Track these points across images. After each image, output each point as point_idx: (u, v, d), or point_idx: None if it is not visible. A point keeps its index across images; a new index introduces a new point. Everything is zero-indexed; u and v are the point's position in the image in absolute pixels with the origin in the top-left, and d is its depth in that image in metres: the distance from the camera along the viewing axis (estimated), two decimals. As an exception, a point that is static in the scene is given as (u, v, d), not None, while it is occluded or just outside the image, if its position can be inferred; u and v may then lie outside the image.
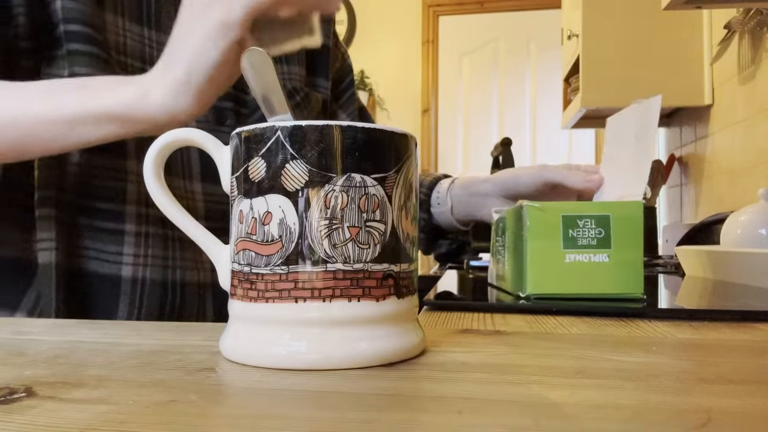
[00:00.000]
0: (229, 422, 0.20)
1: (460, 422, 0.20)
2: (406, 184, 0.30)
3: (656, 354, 0.31)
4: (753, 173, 1.32)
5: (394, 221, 0.29)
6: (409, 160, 0.30)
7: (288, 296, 0.27)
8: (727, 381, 0.25)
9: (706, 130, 1.59)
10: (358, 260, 0.28)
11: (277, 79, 0.37)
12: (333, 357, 0.27)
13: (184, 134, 0.33)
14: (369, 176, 0.28)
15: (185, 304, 0.57)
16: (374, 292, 0.28)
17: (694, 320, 0.43)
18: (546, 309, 0.46)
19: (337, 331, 0.27)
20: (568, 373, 0.26)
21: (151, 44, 0.56)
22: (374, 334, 0.28)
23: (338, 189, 0.27)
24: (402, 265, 0.29)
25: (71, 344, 0.33)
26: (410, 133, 0.31)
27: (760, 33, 1.28)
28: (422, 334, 0.31)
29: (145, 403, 0.22)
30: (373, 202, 0.28)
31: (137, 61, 0.56)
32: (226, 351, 0.29)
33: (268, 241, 0.28)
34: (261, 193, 0.28)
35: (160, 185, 0.33)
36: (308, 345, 0.27)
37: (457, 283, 0.71)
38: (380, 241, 0.28)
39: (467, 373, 0.27)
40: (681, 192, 1.77)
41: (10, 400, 0.22)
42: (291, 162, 0.27)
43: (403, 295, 0.29)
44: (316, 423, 0.20)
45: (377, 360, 0.28)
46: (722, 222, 0.81)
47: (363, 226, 0.28)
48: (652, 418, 0.20)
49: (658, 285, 0.70)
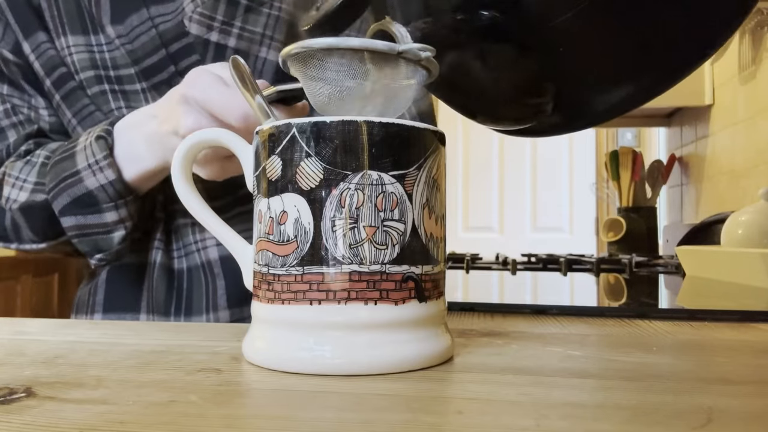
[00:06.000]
0: (229, 422, 0.20)
1: (460, 422, 0.20)
2: (429, 181, 0.28)
3: (656, 354, 0.31)
4: (753, 173, 1.32)
5: (414, 221, 0.27)
6: (433, 156, 0.29)
7: (303, 298, 0.27)
8: (727, 381, 0.25)
9: (706, 130, 1.59)
10: (375, 261, 0.27)
11: (255, 85, 0.36)
12: (357, 362, 0.26)
13: (210, 135, 0.33)
14: (387, 174, 0.27)
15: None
16: (392, 295, 0.27)
17: (694, 320, 0.43)
18: (546, 309, 0.46)
19: (352, 334, 0.26)
20: (568, 373, 0.26)
21: (100, 48, 0.57)
22: (393, 339, 0.27)
23: (353, 187, 0.26)
24: (425, 267, 0.28)
25: (71, 344, 0.33)
26: (435, 128, 0.29)
27: (760, 33, 1.28)
28: (450, 339, 0.30)
29: (144, 404, 0.22)
30: (392, 200, 0.27)
31: (89, 70, 0.57)
32: (247, 353, 0.29)
33: (284, 242, 0.27)
34: (277, 192, 0.28)
35: (189, 186, 0.33)
36: (316, 348, 0.26)
37: (458, 282, 0.71)
38: (399, 241, 0.27)
39: (467, 374, 0.27)
40: (681, 192, 1.77)
41: (10, 400, 0.22)
42: (306, 160, 0.27)
43: (427, 298, 0.28)
44: (316, 423, 0.20)
45: (397, 367, 0.27)
46: (723, 222, 0.81)
47: (380, 225, 0.27)
48: (652, 418, 0.20)
49: (659, 285, 0.70)
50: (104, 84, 0.56)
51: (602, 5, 0.32)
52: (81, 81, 0.57)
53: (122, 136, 0.50)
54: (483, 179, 2.86)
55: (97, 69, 0.57)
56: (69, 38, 0.57)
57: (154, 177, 0.51)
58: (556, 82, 0.37)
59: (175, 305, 0.56)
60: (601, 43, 0.34)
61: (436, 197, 0.29)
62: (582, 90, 0.37)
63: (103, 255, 0.53)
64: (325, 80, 0.30)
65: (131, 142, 0.50)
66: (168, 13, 0.54)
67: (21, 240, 0.56)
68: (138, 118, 0.50)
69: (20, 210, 0.54)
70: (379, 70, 0.30)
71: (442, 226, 0.30)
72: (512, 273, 0.89)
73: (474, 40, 0.36)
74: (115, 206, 0.50)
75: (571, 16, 0.31)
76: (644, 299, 0.61)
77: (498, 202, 2.85)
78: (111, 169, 0.49)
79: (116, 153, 0.50)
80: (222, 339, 0.35)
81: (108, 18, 0.55)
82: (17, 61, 0.58)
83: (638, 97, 0.35)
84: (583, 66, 0.35)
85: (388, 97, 0.31)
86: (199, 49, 0.54)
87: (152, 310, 0.57)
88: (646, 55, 0.34)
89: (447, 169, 0.31)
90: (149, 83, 0.56)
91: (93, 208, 0.51)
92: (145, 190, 0.53)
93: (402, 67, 0.30)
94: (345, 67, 0.29)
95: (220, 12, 0.53)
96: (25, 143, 0.59)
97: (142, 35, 0.54)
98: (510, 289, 0.69)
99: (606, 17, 0.32)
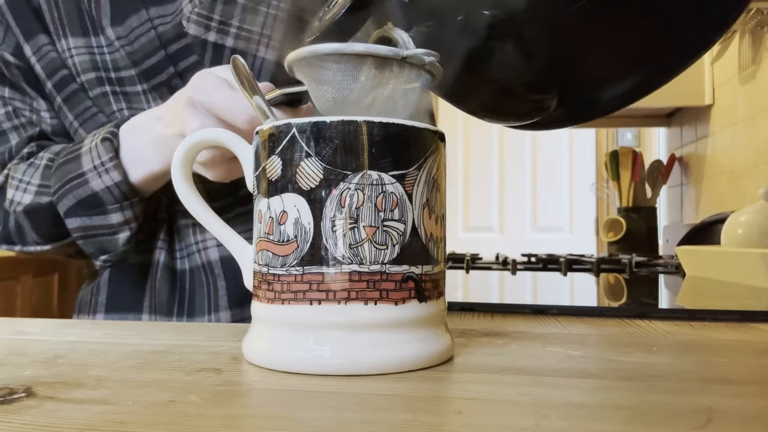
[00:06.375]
0: (229, 422, 0.20)
1: (460, 422, 0.20)
2: (429, 181, 0.28)
3: (656, 354, 0.31)
4: (753, 173, 1.32)
5: (414, 221, 0.27)
6: (433, 156, 0.29)
7: (303, 298, 0.27)
8: (727, 381, 0.25)
9: (706, 130, 1.59)
10: (375, 261, 0.27)
11: (256, 85, 0.36)
12: (357, 362, 0.26)
13: (210, 135, 0.33)
14: (387, 173, 0.27)
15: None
16: (392, 295, 0.27)
17: (694, 320, 0.43)
18: (546, 309, 0.46)
19: (352, 334, 0.26)
20: (568, 373, 0.26)
21: (101, 50, 0.57)
22: (393, 339, 0.27)
23: (353, 187, 0.26)
24: (425, 267, 0.28)
25: (71, 344, 0.33)
26: (435, 128, 0.29)
27: (760, 33, 1.28)
28: (450, 339, 0.30)
29: (144, 404, 0.22)
30: (392, 200, 0.27)
31: (91, 72, 0.57)
32: (247, 354, 0.29)
33: (284, 242, 0.27)
34: (277, 192, 0.28)
35: (189, 186, 0.33)
36: (316, 349, 0.26)
37: (458, 282, 0.71)
38: (399, 241, 0.27)
39: (467, 374, 0.27)
40: (681, 192, 1.77)
41: (10, 400, 0.22)
42: (306, 160, 0.27)
43: (427, 298, 0.28)
44: (316, 423, 0.20)
45: (397, 367, 0.27)
46: (723, 222, 0.81)
47: (380, 225, 0.27)
48: (652, 418, 0.20)
49: (659, 285, 0.70)
50: (105, 86, 0.56)
51: (602, 2, 0.32)
52: (82, 83, 0.57)
53: (128, 138, 0.50)
54: (483, 179, 2.86)
55: (98, 71, 0.57)
56: (70, 40, 0.57)
57: (160, 179, 0.51)
58: (559, 78, 0.37)
59: (178, 306, 0.56)
60: (603, 38, 0.35)
61: (436, 197, 0.29)
62: (584, 85, 0.38)
63: (108, 256, 0.53)
64: (331, 84, 0.30)
65: (137, 145, 0.50)
66: (167, 15, 0.54)
67: (25, 242, 0.56)
68: (143, 121, 0.50)
69: (24, 212, 0.54)
70: (384, 74, 0.30)
71: (442, 226, 0.30)
72: (512, 273, 0.89)
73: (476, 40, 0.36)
74: (121, 208, 0.51)
75: (571, 13, 0.32)
76: (644, 299, 0.61)
77: (498, 202, 2.85)
78: (117, 171, 0.49)
79: (122, 155, 0.50)
80: (222, 339, 0.35)
81: (108, 20, 0.55)
82: (18, 64, 0.58)
83: (639, 90, 0.36)
84: (586, 61, 0.36)
85: (393, 100, 0.31)
86: (198, 49, 0.54)
87: (155, 311, 0.57)
88: (645, 49, 0.34)
89: (447, 169, 0.31)
90: (149, 84, 0.56)
91: (98, 210, 0.51)
92: (150, 191, 0.53)
93: (406, 71, 0.30)
94: (350, 72, 0.29)
95: (217, 12, 0.53)
96: (27, 146, 0.59)
97: (142, 36, 0.54)
98: (510, 289, 0.69)
99: (607, 13, 0.33)
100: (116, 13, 0.55)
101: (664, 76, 0.35)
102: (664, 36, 0.34)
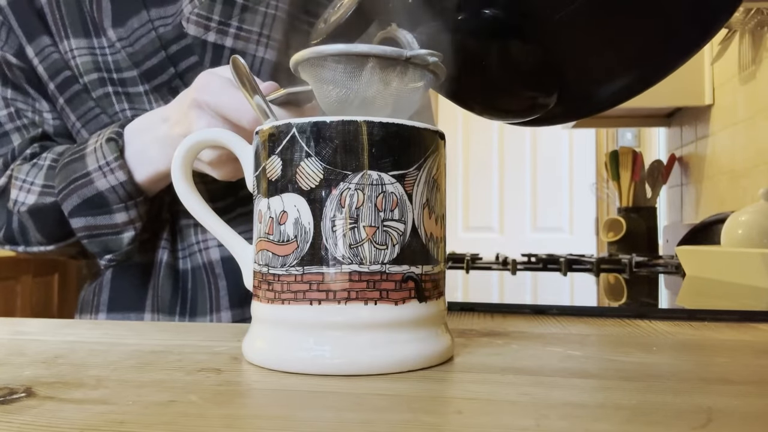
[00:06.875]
0: (229, 422, 0.20)
1: (460, 422, 0.20)
2: (429, 181, 0.28)
3: (656, 354, 0.31)
4: (753, 173, 1.32)
5: (414, 221, 0.27)
6: (433, 156, 0.29)
7: (303, 298, 0.27)
8: (727, 381, 0.25)
9: (706, 130, 1.59)
10: (375, 261, 0.27)
11: (256, 85, 0.36)
12: (357, 362, 0.26)
13: (210, 135, 0.33)
14: (387, 173, 0.27)
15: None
16: (392, 295, 0.27)
17: (694, 320, 0.43)
18: (546, 309, 0.46)
19: (352, 334, 0.26)
20: (568, 373, 0.26)
21: (102, 51, 0.57)
22: (393, 339, 0.27)
23: (353, 187, 0.26)
24: (425, 267, 0.28)
25: (71, 344, 0.33)
26: (435, 128, 0.29)
27: (760, 33, 1.28)
28: (450, 339, 0.30)
29: (144, 404, 0.22)
30: (392, 200, 0.27)
31: (93, 73, 0.57)
32: (247, 354, 0.29)
33: (284, 242, 0.27)
34: (277, 192, 0.28)
35: (189, 186, 0.33)
36: (316, 349, 0.26)
37: (458, 282, 0.71)
38: (399, 241, 0.27)
39: (467, 374, 0.27)
40: (681, 192, 1.77)
41: (10, 400, 0.22)
42: (306, 160, 0.27)
43: (427, 298, 0.28)
44: (316, 423, 0.20)
45: (397, 367, 0.27)
46: (723, 222, 0.81)
47: (380, 225, 0.27)
48: (652, 418, 0.20)
49: (659, 285, 0.70)
50: (108, 86, 0.57)
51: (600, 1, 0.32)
52: (85, 84, 0.57)
53: (133, 138, 0.51)
54: (483, 179, 2.86)
55: (101, 72, 0.57)
56: (72, 41, 0.57)
57: (165, 179, 0.51)
58: (559, 75, 0.37)
59: (180, 305, 0.56)
60: (602, 35, 0.35)
61: (436, 197, 0.29)
62: (583, 81, 0.38)
63: (113, 255, 0.53)
64: (335, 84, 0.30)
65: (143, 145, 0.50)
66: (168, 16, 0.54)
67: (28, 243, 0.56)
68: (148, 122, 0.50)
69: (28, 212, 0.54)
70: (388, 74, 0.30)
71: (442, 226, 0.30)
72: (512, 273, 0.89)
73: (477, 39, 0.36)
74: (125, 207, 0.51)
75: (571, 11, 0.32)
76: (644, 299, 0.61)
77: (498, 202, 2.85)
78: (122, 171, 0.50)
79: (127, 155, 0.50)
80: (222, 339, 0.35)
81: (109, 21, 0.55)
82: (21, 65, 0.58)
83: (637, 86, 0.37)
84: (585, 58, 0.36)
85: (397, 100, 0.31)
86: (197, 50, 0.54)
87: (157, 310, 0.57)
88: (642, 46, 0.35)
89: (447, 169, 0.31)
90: (150, 85, 0.56)
91: (103, 209, 0.51)
92: (155, 191, 0.53)
93: (410, 71, 0.30)
94: (354, 73, 0.30)
95: (216, 12, 0.53)
96: (30, 147, 0.59)
97: (142, 38, 0.54)
98: (510, 289, 0.69)
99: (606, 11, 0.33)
100: (117, 14, 0.55)
101: (661, 72, 0.35)
102: (661, 33, 0.34)
